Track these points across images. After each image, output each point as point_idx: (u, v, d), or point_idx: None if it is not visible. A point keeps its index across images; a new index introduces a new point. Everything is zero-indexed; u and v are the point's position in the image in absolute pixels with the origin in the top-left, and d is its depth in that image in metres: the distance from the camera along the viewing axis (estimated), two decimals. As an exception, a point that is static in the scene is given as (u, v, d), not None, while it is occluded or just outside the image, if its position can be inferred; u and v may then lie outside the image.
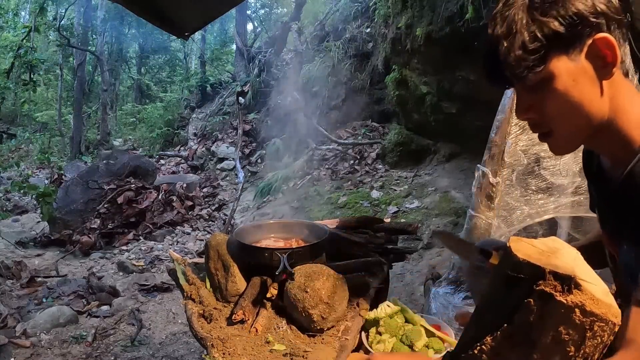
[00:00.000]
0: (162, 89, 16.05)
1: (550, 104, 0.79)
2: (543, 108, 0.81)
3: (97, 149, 11.20)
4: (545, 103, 0.80)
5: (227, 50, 15.66)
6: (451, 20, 3.96)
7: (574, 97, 0.77)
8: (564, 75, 0.76)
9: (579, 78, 0.76)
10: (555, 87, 0.77)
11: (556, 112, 0.80)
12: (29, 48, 9.28)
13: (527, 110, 0.83)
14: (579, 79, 0.76)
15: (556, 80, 0.77)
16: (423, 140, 5.90)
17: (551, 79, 0.77)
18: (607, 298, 0.55)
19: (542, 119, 0.82)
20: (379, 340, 1.17)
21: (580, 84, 0.77)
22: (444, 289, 2.37)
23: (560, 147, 0.87)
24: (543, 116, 0.82)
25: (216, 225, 6.01)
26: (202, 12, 2.43)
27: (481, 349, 0.60)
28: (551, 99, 0.79)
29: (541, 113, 0.82)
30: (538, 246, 0.61)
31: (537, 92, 0.80)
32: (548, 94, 0.78)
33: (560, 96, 0.77)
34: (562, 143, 0.85)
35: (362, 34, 7.57)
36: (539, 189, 2.07)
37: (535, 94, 0.80)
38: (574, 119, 0.80)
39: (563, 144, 0.86)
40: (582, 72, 0.76)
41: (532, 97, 0.81)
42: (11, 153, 11.94)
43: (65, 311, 3.17)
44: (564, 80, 0.76)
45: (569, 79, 0.76)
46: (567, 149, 0.87)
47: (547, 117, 0.82)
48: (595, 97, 0.78)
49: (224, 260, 1.32)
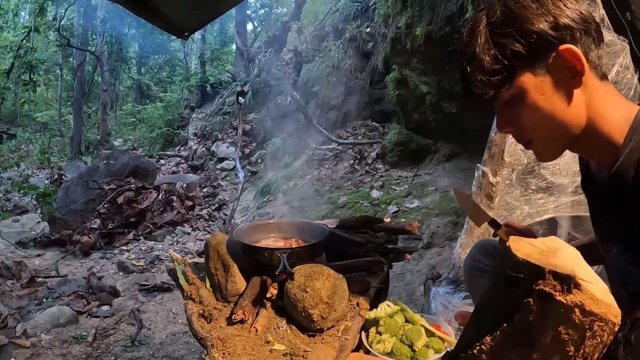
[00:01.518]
0: (162, 89, 16.04)
1: (524, 117, 0.83)
2: (519, 122, 0.84)
3: (97, 149, 11.20)
4: (520, 117, 0.83)
5: (227, 50, 15.66)
6: (451, 20, 3.96)
7: (544, 109, 0.80)
8: (532, 90, 0.79)
9: (547, 90, 0.79)
10: (526, 101, 0.80)
11: (531, 125, 0.83)
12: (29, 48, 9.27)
13: (505, 125, 0.87)
14: (547, 91, 0.79)
15: (525, 95, 0.79)
16: (423, 140, 5.90)
17: (521, 95, 0.80)
18: (607, 298, 0.55)
19: (520, 131, 0.86)
20: (379, 340, 1.17)
21: (549, 96, 0.79)
22: (444, 288, 2.37)
23: (542, 155, 0.90)
24: (520, 129, 0.85)
25: (216, 225, 6.00)
26: (202, 12, 2.42)
27: (481, 348, 0.60)
28: (524, 112, 0.82)
29: (518, 127, 0.85)
30: (538, 246, 0.61)
31: (511, 108, 0.83)
32: (521, 108, 0.81)
33: (532, 109, 0.80)
34: (543, 151, 0.89)
35: (362, 33, 7.57)
36: (539, 188, 2.07)
37: (510, 109, 0.83)
38: (548, 129, 0.82)
39: (544, 152, 0.89)
40: (549, 85, 0.78)
41: (508, 113, 0.85)
42: (11, 153, 11.94)
43: (66, 311, 3.17)
44: (532, 95, 0.79)
45: (536, 92, 0.79)
46: (549, 156, 0.90)
47: (524, 130, 0.85)
48: (568, 105, 0.79)
49: (224, 260, 1.32)
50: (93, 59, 12.69)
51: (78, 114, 11.57)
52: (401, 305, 1.27)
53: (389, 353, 1.15)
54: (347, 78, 7.64)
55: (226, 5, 2.55)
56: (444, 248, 3.85)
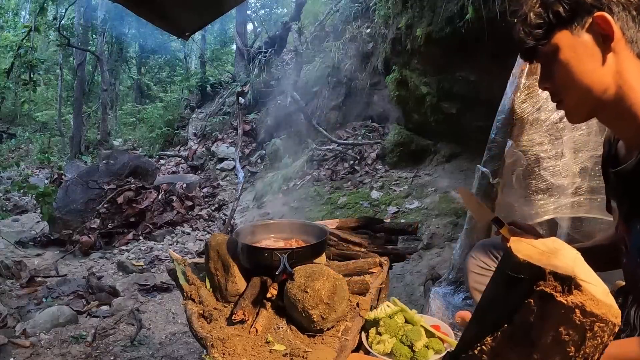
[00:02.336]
0: (162, 89, 16.04)
1: (558, 74, 0.91)
2: (553, 78, 0.92)
3: (97, 149, 11.20)
4: (554, 74, 0.91)
5: (227, 50, 15.66)
6: (451, 21, 3.96)
7: (574, 68, 0.88)
8: (566, 48, 0.88)
9: (579, 50, 0.87)
10: (560, 58, 0.89)
11: (562, 81, 0.91)
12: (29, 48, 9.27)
13: (543, 81, 0.96)
14: (579, 52, 0.87)
15: (560, 52, 0.89)
16: (423, 141, 5.90)
17: (556, 51, 0.89)
18: (607, 299, 0.55)
19: (554, 88, 0.94)
20: (379, 340, 1.17)
21: (581, 56, 0.87)
22: (444, 289, 2.37)
23: (570, 115, 0.98)
24: (554, 86, 0.94)
25: (216, 225, 6.00)
26: (202, 12, 2.43)
27: (481, 349, 0.60)
28: (558, 69, 0.90)
29: (553, 83, 0.93)
30: (538, 247, 0.61)
31: (549, 64, 0.92)
32: (555, 65, 0.90)
33: (564, 67, 0.89)
34: (570, 111, 0.96)
35: (362, 34, 7.56)
36: (539, 189, 2.07)
37: (548, 65, 0.92)
38: (577, 89, 0.89)
39: (572, 112, 0.96)
40: (582, 45, 0.87)
41: (547, 69, 0.93)
42: (11, 153, 11.95)
43: (65, 311, 3.17)
44: (565, 52, 0.88)
45: (570, 51, 0.88)
46: (575, 118, 0.97)
47: (557, 87, 0.93)
48: (597, 68, 0.87)
49: (224, 260, 1.32)
50: (93, 58, 12.69)
51: (78, 114, 11.56)
52: (401, 305, 1.27)
53: (389, 354, 1.15)
54: (347, 78, 7.64)
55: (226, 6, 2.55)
56: (444, 249, 3.85)
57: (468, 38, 3.80)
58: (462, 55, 4.12)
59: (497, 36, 3.37)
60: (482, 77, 4.09)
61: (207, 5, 2.36)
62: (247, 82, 9.20)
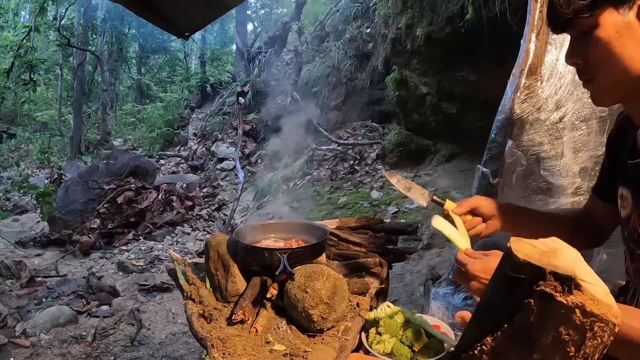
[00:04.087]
0: (162, 89, 16.05)
1: (593, 52, 0.84)
2: (587, 55, 0.86)
3: (97, 149, 11.20)
4: (589, 51, 0.84)
5: (227, 50, 15.66)
6: (451, 21, 3.97)
7: (615, 49, 0.81)
8: (609, 26, 0.81)
9: (624, 32, 0.80)
10: (599, 35, 0.82)
11: (597, 61, 0.85)
12: (29, 48, 9.29)
13: (574, 55, 0.89)
14: (624, 33, 0.80)
15: (601, 29, 0.81)
16: (423, 141, 5.90)
17: (596, 28, 0.81)
18: (607, 299, 0.55)
19: (585, 65, 0.87)
20: (379, 340, 1.17)
21: (624, 38, 0.81)
22: (444, 289, 2.37)
23: (598, 96, 0.91)
24: (586, 63, 0.87)
25: (216, 225, 6.00)
26: (202, 12, 2.43)
27: (481, 349, 0.60)
28: (594, 47, 0.83)
29: (585, 60, 0.87)
30: (538, 246, 0.61)
31: (584, 39, 0.84)
32: (593, 41, 0.83)
33: (603, 45, 0.82)
34: (600, 92, 0.90)
35: (362, 34, 7.57)
36: (539, 189, 2.07)
37: (583, 40, 0.85)
38: (612, 70, 0.83)
39: (601, 94, 0.90)
40: (627, 28, 0.80)
41: (580, 44, 0.86)
42: (11, 153, 11.95)
43: (65, 311, 3.17)
44: (608, 31, 0.81)
45: (612, 30, 0.81)
46: (604, 100, 0.92)
47: (590, 65, 0.87)
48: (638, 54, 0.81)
49: (224, 260, 1.32)
50: (93, 58, 12.70)
51: (78, 114, 11.57)
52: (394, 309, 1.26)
53: (389, 354, 1.15)
54: (347, 78, 7.65)
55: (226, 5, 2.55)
56: (444, 249, 3.85)
57: (468, 38, 3.80)
58: (462, 56, 4.12)
59: (497, 36, 3.37)
60: (482, 77, 4.09)
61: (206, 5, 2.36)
62: (247, 82, 9.20)
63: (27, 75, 9.25)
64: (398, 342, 1.16)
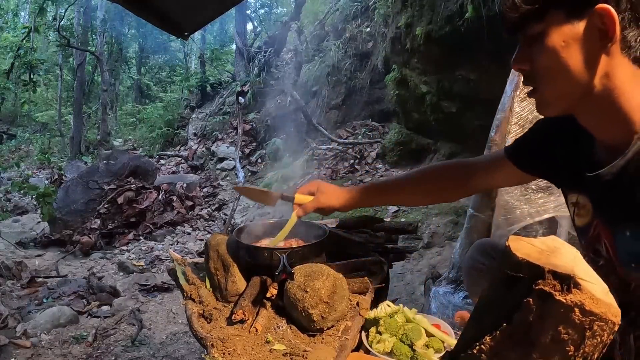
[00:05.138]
0: (162, 89, 16.06)
1: (540, 59, 0.82)
2: (534, 62, 0.83)
3: (97, 149, 11.20)
4: (537, 58, 0.83)
5: (227, 50, 15.66)
6: (451, 20, 3.96)
7: (561, 58, 0.79)
8: (557, 35, 0.79)
9: (572, 42, 0.78)
10: (546, 43, 0.80)
11: (543, 69, 0.83)
12: (29, 48, 9.29)
13: (521, 61, 0.86)
14: (571, 43, 0.78)
15: (548, 38, 0.79)
16: (423, 140, 5.90)
17: (545, 34, 0.80)
18: (606, 297, 0.55)
19: (532, 73, 0.85)
20: (379, 339, 1.17)
21: (571, 48, 0.78)
22: (444, 288, 2.37)
23: (542, 106, 0.89)
24: (533, 71, 0.85)
25: (216, 225, 6.01)
26: (202, 12, 2.43)
27: (480, 348, 0.60)
28: (541, 55, 0.81)
29: (532, 67, 0.85)
30: (537, 245, 0.61)
31: (532, 45, 0.83)
32: (540, 48, 0.81)
33: (550, 53, 0.80)
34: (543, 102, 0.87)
35: (362, 33, 7.57)
36: (539, 188, 2.07)
37: (531, 47, 0.83)
38: (557, 80, 0.82)
39: (544, 104, 0.88)
40: (575, 37, 0.78)
41: (528, 50, 0.84)
42: (11, 153, 11.96)
43: (66, 311, 3.17)
44: (555, 40, 0.79)
45: (560, 39, 0.79)
46: (550, 110, 0.89)
47: (536, 73, 0.84)
48: (585, 65, 0.79)
49: (224, 260, 1.32)
50: (93, 59, 12.69)
51: (78, 114, 11.57)
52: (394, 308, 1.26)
53: (389, 353, 1.15)
54: (347, 78, 7.64)
55: (226, 5, 2.55)
56: (444, 248, 3.85)
57: (468, 37, 3.80)
58: (461, 54, 4.12)
59: (497, 35, 3.37)
60: (481, 76, 4.09)
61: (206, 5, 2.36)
62: (247, 81, 9.20)
63: (27, 75, 9.26)
64: (398, 342, 1.16)
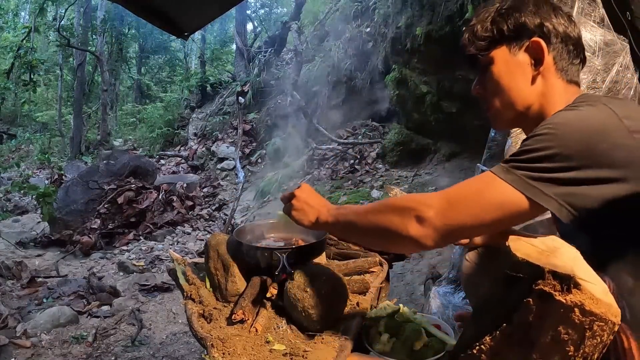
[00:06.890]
0: (162, 89, 16.06)
1: (489, 83, 1.01)
2: (485, 86, 1.02)
3: (97, 149, 11.21)
4: (487, 82, 1.01)
5: (227, 50, 15.66)
6: (451, 20, 3.97)
7: (504, 81, 0.98)
8: (501, 63, 0.98)
9: (513, 68, 0.97)
10: (493, 70, 0.99)
11: (491, 91, 1.01)
12: (29, 48, 9.29)
13: (476, 85, 1.05)
14: (512, 69, 0.97)
15: (494, 65, 0.98)
16: (423, 140, 5.90)
17: (492, 63, 0.99)
18: (606, 297, 0.55)
19: (484, 95, 1.04)
20: (379, 339, 1.17)
21: (512, 72, 0.97)
22: (444, 288, 2.37)
23: (494, 122, 1.07)
24: (485, 93, 1.03)
25: (216, 225, 6.01)
26: (202, 12, 2.42)
27: (480, 348, 0.60)
28: (490, 79, 1.00)
29: (484, 90, 1.03)
30: (537, 245, 0.61)
31: (484, 73, 1.01)
32: (489, 74, 1.00)
33: (496, 78, 0.99)
34: (495, 118, 1.04)
35: (362, 33, 7.56)
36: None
37: (483, 74, 1.02)
38: (502, 100, 1.00)
39: (494, 120, 1.05)
40: (516, 64, 0.97)
41: (482, 76, 1.03)
42: (11, 153, 11.96)
43: (66, 311, 3.17)
44: (499, 67, 0.98)
45: (503, 66, 0.98)
46: (498, 125, 1.08)
47: (487, 94, 1.02)
48: (524, 86, 0.97)
49: (224, 260, 1.32)
50: (93, 59, 12.70)
51: (78, 114, 11.57)
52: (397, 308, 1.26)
53: (389, 353, 1.15)
54: (347, 78, 7.64)
55: (226, 5, 2.55)
56: (444, 248, 3.85)
57: (468, 37, 3.79)
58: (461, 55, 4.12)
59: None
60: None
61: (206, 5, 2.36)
62: (247, 81, 9.20)
63: (27, 75, 9.26)
64: (398, 342, 1.16)
